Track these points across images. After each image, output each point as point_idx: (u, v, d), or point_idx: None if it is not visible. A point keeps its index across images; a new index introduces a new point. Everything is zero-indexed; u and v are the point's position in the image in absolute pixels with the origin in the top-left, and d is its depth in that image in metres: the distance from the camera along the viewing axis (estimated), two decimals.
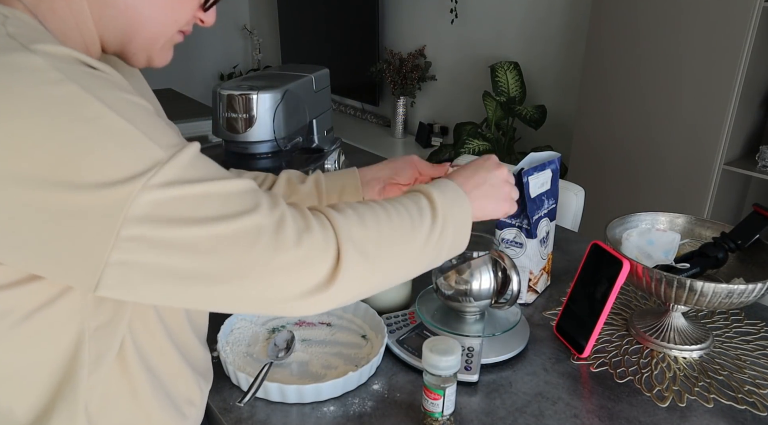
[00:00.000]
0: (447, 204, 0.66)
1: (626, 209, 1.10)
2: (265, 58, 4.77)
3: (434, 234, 0.64)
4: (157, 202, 0.47)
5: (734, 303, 0.86)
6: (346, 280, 0.56)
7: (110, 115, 0.47)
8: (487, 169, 0.76)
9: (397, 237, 0.60)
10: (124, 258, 0.47)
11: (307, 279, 0.54)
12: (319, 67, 1.20)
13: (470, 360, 0.87)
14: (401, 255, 0.61)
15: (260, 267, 0.52)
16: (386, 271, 0.61)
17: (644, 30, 2.10)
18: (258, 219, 0.52)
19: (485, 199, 0.74)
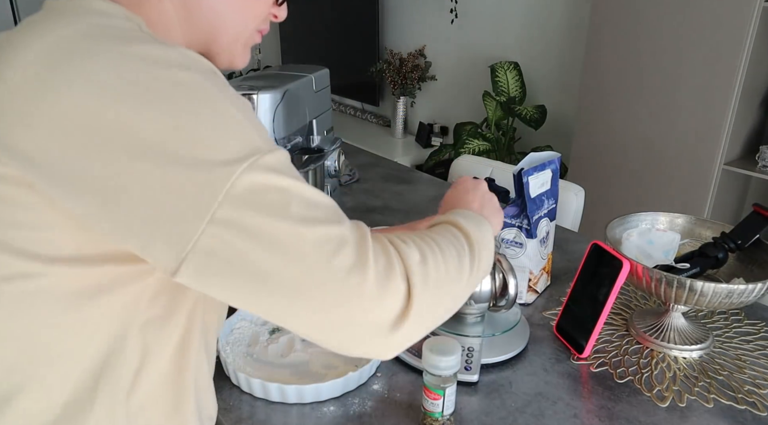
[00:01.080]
0: (476, 231, 0.65)
1: (626, 209, 1.10)
2: (265, 58, 4.77)
3: (474, 263, 0.63)
4: (254, 186, 0.48)
5: (734, 303, 0.86)
6: (418, 314, 0.53)
7: (224, 102, 0.50)
8: (474, 189, 0.77)
9: (451, 270, 0.59)
10: (211, 243, 0.47)
11: (382, 310, 0.51)
12: (319, 67, 1.20)
13: (470, 360, 0.87)
14: (456, 286, 0.60)
15: (337, 281, 0.49)
16: (447, 304, 0.59)
17: (644, 30, 2.10)
18: (343, 231, 0.51)
19: (492, 216, 0.75)
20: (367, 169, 1.78)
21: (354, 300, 0.49)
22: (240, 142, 0.49)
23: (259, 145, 0.50)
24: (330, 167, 1.16)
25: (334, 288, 0.49)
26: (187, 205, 0.47)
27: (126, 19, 0.55)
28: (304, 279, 0.49)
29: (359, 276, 0.50)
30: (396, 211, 1.47)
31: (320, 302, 0.49)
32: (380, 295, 0.50)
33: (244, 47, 0.66)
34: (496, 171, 1.73)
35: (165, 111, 0.47)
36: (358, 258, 0.50)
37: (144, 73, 0.48)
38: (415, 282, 0.53)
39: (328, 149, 1.11)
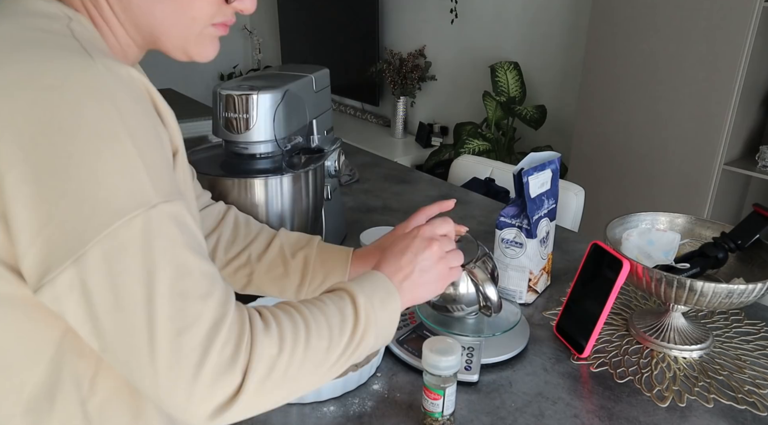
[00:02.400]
0: (373, 312, 0.64)
1: (626, 209, 1.10)
2: (265, 58, 4.77)
3: (351, 347, 0.62)
4: (127, 242, 0.48)
5: (734, 303, 0.86)
6: (241, 407, 0.52)
7: (126, 145, 0.49)
8: (414, 252, 0.71)
9: (308, 364, 0.57)
10: (68, 281, 0.48)
11: (205, 400, 0.51)
12: (319, 67, 1.20)
13: (470, 360, 0.87)
14: (310, 377, 0.59)
15: (174, 355, 0.49)
16: (289, 392, 0.58)
17: (644, 30, 2.10)
18: (201, 310, 0.51)
19: (416, 289, 0.71)
20: (367, 169, 1.78)
21: (183, 383, 0.50)
22: (129, 191, 0.49)
23: (150, 196, 0.50)
24: (330, 167, 1.15)
25: (168, 364, 0.49)
26: (59, 238, 0.47)
27: (67, 19, 0.54)
28: (142, 347, 0.49)
29: (198, 360, 0.49)
30: (396, 211, 1.47)
31: (152, 372, 0.49)
32: (209, 386, 0.50)
33: (199, 43, 0.64)
34: (496, 171, 1.73)
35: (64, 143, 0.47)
36: (204, 341, 0.50)
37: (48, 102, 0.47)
38: (251, 380, 0.52)
39: (328, 149, 1.11)
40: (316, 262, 0.87)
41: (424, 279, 0.71)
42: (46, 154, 0.47)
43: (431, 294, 0.73)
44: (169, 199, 0.51)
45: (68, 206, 0.47)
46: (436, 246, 0.72)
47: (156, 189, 0.50)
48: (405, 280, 0.70)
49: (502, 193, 1.65)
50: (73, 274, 0.48)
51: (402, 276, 0.70)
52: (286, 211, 1.02)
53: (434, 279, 0.72)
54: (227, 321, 0.52)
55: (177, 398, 0.50)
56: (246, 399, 0.52)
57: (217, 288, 0.53)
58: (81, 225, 0.47)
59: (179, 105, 3.22)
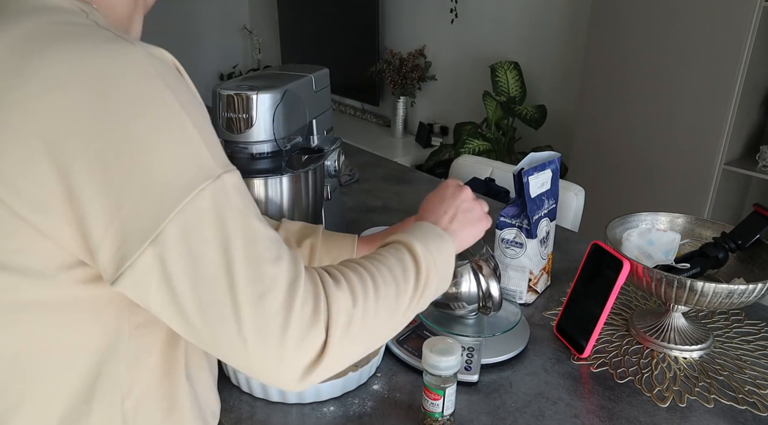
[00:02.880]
0: (430, 256, 0.65)
1: (626, 209, 1.10)
2: (265, 58, 4.77)
3: (417, 293, 0.63)
4: (199, 217, 0.49)
5: (735, 303, 0.86)
6: (331, 361, 0.54)
7: (183, 119, 0.50)
8: (452, 197, 0.76)
9: (382, 311, 0.59)
10: (148, 264, 0.48)
11: (296, 358, 0.52)
12: (319, 67, 1.20)
13: (470, 360, 0.87)
14: (386, 325, 0.60)
15: (260, 324, 0.50)
16: (370, 343, 0.59)
17: (644, 30, 2.10)
18: (277, 272, 0.51)
19: (464, 230, 0.74)
20: (367, 169, 1.78)
21: (272, 346, 0.50)
22: (194, 165, 0.49)
23: (212, 167, 0.50)
24: (330, 167, 1.15)
25: (255, 330, 0.50)
26: (133, 222, 0.47)
27: (83, 13, 0.54)
28: (227, 316, 0.49)
29: (283, 321, 0.50)
30: (396, 211, 1.47)
31: (240, 341, 0.50)
32: (297, 344, 0.51)
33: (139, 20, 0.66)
34: (496, 171, 1.73)
35: (123, 126, 0.47)
36: (285, 302, 0.51)
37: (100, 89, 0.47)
38: (335, 333, 0.53)
39: (328, 149, 1.11)
40: (322, 250, 0.88)
41: (468, 218, 0.75)
42: (107, 141, 0.47)
43: (477, 234, 0.76)
44: (228, 169, 0.52)
45: (138, 189, 0.47)
46: (468, 191, 0.78)
47: (216, 160, 0.51)
48: (452, 222, 0.73)
49: (502, 193, 1.65)
50: (153, 255, 0.48)
51: (448, 219, 0.73)
52: (286, 210, 1.02)
53: (477, 219, 0.76)
54: (301, 280, 0.52)
55: (269, 362, 0.51)
56: (333, 352, 0.53)
57: (285, 251, 0.54)
58: (153, 206, 0.47)
59: None
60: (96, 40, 0.50)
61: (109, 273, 0.49)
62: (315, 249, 0.88)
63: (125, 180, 0.47)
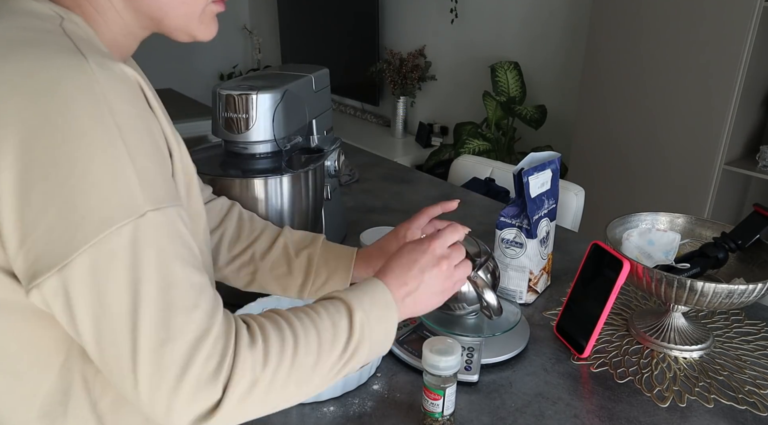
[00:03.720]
0: (368, 328, 0.62)
1: (626, 209, 1.10)
2: (265, 58, 4.77)
3: (341, 362, 0.60)
4: (114, 254, 0.48)
5: (735, 303, 0.86)
6: (220, 420, 0.52)
7: (119, 149, 0.49)
8: (422, 269, 0.69)
9: (296, 378, 0.56)
10: (53, 288, 0.48)
11: (184, 413, 0.50)
12: (319, 67, 1.20)
13: (470, 360, 0.87)
14: (296, 391, 0.58)
15: (155, 366, 0.49)
16: (272, 406, 0.58)
17: (644, 30, 2.10)
18: (185, 322, 0.50)
19: (418, 304, 0.69)
20: (367, 169, 1.78)
21: (163, 394, 0.49)
22: (118, 199, 0.48)
23: (138, 204, 0.49)
24: (330, 167, 1.15)
25: (149, 375, 0.49)
26: (45, 245, 0.47)
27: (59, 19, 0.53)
28: (124, 356, 0.49)
29: (179, 373, 0.49)
30: (396, 211, 1.47)
31: (132, 382, 0.49)
32: (189, 398, 0.50)
33: (202, 22, 0.63)
34: (496, 171, 1.73)
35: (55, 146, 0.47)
36: (186, 354, 0.49)
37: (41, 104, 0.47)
38: (232, 395, 0.51)
39: (328, 149, 1.11)
40: (320, 262, 0.87)
41: (427, 295, 0.70)
42: (37, 158, 0.46)
43: (430, 307, 0.72)
44: (159, 206, 0.50)
45: (57, 213, 0.47)
46: (445, 265, 0.70)
47: (146, 196, 0.50)
48: (408, 296, 0.68)
49: (502, 193, 1.65)
50: (58, 282, 0.48)
51: (405, 292, 0.68)
52: (286, 210, 1.02)
53: (438, 292, 0.71)
54: (212, 334, 0.51)
55: (157, 407, 0.50)
56: (225, 413, 0.51)
57: (205, 300, 0.52)
58: (68, 233, 0.47)
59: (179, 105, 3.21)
60: (51, 49, 0.49)
61: (24, 283, 0.49)
62: (312, 261, 0.87)
63: (46, 201, 0.46)
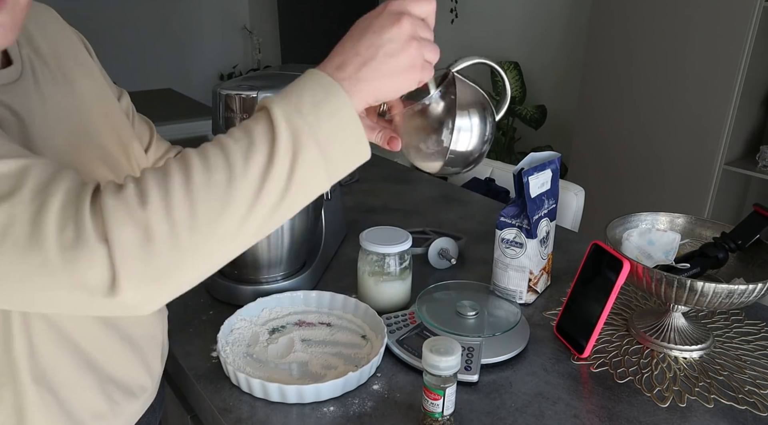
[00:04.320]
0: (301, 118, 0.48)
1: (626, 209, 1.10)
2: (265, 58, 4.77)
3: (275, 170, 0.47)
4: None
5: (735, 303, 0.86)
6: (133, 277, 0.45)
7: None
8: (378, 31, 0.53)
9: (211, 200, 0.46)
10: None
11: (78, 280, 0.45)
12: None
13: (470, 360, 0.87)
14: (221, 212, 0.46)
15: (12, 267, 0.44)
16: (199, 258, 0.47)
17: (644, 30, 2.10)
18: (7, 209, 0.45)
19: (380, 78, 0.53)
20: (367, 169, 1.78)
21: (37, 275, 0.45)
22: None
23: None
24: None
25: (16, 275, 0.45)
26: None
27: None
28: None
29: (38, 251, 0.44)
30: (396, 211, 1.47)
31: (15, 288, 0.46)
32: (66, 268, 0.44)
33: None
34: (496, 171, 1.73)
35: None
36: (31, 233, 0.44)
37: None
38: (120, 252, 0.44)
39: None
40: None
41: (390, 65, 0.54)
42: None
43: (399, 88, 0.56)
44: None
45: None
46: (407, 23, 0.54)
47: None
48: (362, 68, 0.53)
49: (502, 193, 1.65)
50: None
51: (358, 63, 0.53)
52: None
53: (404, 67, 0.55)
54: (53, 204, 0.45)
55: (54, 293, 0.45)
56: (132, 274, 0.45)
57: (30, 179, 0.46)
58: None
59: (179, 105, 3.22)
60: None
61: None
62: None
63: None
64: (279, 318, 0.98)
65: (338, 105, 0.51)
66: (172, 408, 0.98)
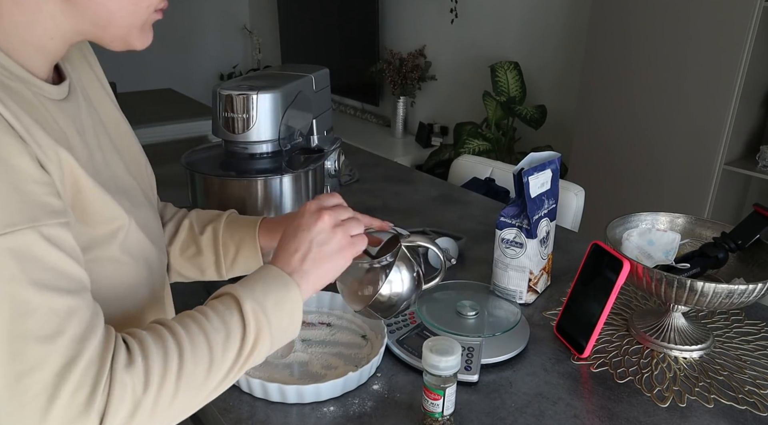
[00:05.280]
0: (264, 317, 0.60)
1: (626, 209, 1.10)
2: (265, 58, 4.77)
3: (240, 360, 0.59)
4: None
5: (735, 303, 0.86)
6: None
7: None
8: (306, 229, 0.67)
9: (188, 389, 0.55)
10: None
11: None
12: (319, 67, 1.20)
13: (470, 360, 0.87)
14: (190, 402, 0.56)
15: (14, 402, 0.47)
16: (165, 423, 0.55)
17: (644, 30, 2.10)
18: (45, 352, 0.48)
19: (320, 267, 0.66)
20: (367, 169, 1.78)
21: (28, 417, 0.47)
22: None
23: None
24: (330, 167, 1.15)
25: (8, 411, 0.47)
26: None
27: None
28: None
29: (44, 406, 0.47)
30: (396, 211, 1.47)
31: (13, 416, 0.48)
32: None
33: (142, 31, 0.63)
34: (496, 171, 1.73)
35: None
36: (50, 386, 0.48)
37: None
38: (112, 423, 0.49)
39: (328, 149, 1.11)
40: (226, 234, 0.84)
41: (325, 252, 0.66)
42: None
43: (337, 268, 0.68)
44: (8, 231, 0.47)
45: None
46: (326, 216, 0.67)
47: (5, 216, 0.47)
48: (304, 261, 0.65)
49: (502, 193, 1.65)
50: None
51: (300, 258, 0.65)
52: (286, 211, 1.02)
53: (336, 250, 0.67)
54: (81, 362, 0.49)
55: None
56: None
57: (73, 325, 0.50)
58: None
59: (179, 105, 3.22)
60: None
61: None
62: (217, 234, 0.84)
63: None
64: None
65: (293, 304, 0.63)
66: None
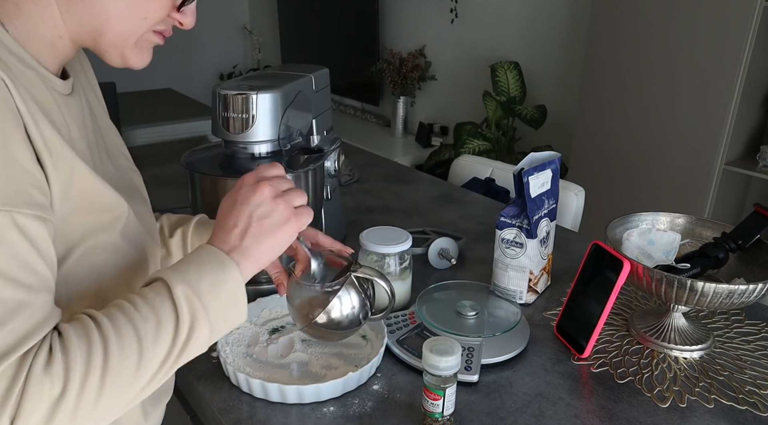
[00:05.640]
0: (199, 301, 0.56)
1: (626, 209, 1.10)
2: (265, 58, 4.77)
3: (175, 350, 0.55)
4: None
5: (735, 303, 0.86)
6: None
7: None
8: (244, 202, 0.62)
9: (116, 385, 0.51)
10: None
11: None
12: (319, 67, 1.20)
13: (470, 360, 0.87)
14: (120, 397, 0.52)
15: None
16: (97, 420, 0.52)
17: (644, 30, 2.10)
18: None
19: (262, 241, 0.61)
20: (367, 169, 1.78)
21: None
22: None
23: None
24: (330, 167, 1.15)
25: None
26: None
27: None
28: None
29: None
30: (396, 211, 1.47)
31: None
32: None
33: (137, 47, 0.62)
34: (496, 171, 1.73)
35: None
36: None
37: None
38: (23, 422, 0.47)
39: (328, 149, 1.11)
40: (194, 237, 0.84)
41: (266, 226, 0.61)
42: None
43: (281, 243, 0.63)
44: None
45: None
46: (266, 187, 0.62)
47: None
48: (244, 237, 0.60)
49: (503, 193, 1.65)
50: None
51: (239, 234, 0.60)
52: None
53: (279, 223, 0.62)
54: (7, 360, 0.48)
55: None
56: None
57: (17, 321, 0.49)
58: None
59: (179, 105, 3.22)
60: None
61: None
62: (186, 237, 0.84)
63: None
64: (279, 318, 0.98)
65: (232, 285, 0.58)
66: (172, 409, 0.97)
